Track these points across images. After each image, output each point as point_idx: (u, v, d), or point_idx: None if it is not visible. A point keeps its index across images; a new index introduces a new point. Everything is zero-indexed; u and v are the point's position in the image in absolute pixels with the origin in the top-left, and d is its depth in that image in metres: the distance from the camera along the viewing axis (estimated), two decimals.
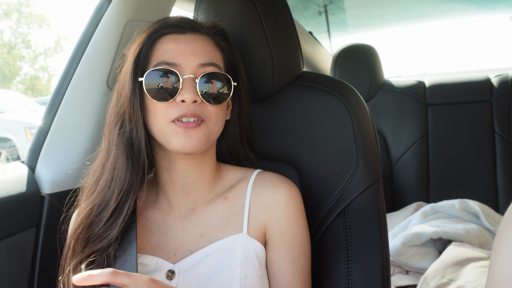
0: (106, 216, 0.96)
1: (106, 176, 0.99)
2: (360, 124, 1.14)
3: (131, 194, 0.96)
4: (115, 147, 0.98)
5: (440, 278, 1.73)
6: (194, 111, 0.93)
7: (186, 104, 0.93)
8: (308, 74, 1.26)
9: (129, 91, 0.96)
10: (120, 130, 0.97)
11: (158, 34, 0.98)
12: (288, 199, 1.03)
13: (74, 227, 0.99)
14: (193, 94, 0.93)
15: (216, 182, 1.07)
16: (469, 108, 2.70)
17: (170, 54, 0.95)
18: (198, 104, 0.94)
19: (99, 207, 0.97)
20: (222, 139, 1.10)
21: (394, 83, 2.87)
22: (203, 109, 0.95)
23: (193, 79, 0.94)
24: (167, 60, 0.95)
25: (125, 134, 0.97)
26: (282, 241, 1.02)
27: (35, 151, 1.37)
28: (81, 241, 0.96)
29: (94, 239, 0.95)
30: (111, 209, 0.96)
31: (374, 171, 1.13)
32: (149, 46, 0.98)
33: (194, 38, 0.99)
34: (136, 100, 0.96)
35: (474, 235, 1.97)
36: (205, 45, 0.99)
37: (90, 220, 0.97)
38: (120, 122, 0.98)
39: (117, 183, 0.97)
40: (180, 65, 0.95)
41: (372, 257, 1.08)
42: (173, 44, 0.97)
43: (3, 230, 1.19)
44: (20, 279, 1.26)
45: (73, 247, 0.97)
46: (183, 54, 0.95)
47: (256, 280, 0.98)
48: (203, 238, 1.01)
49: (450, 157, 2.68)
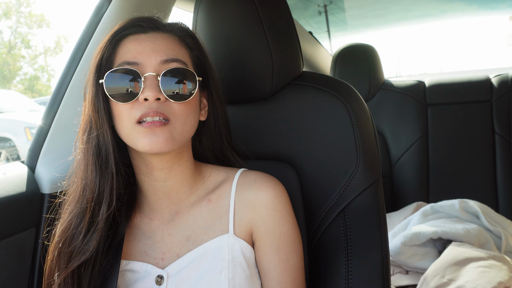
0: (85, 227, 0.95)
1: (80, 185, 0.97)
2: (360, 124, 1.14)
3: (103, 201, 0.94)
4: (83, 155, 0.96)
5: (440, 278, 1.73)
6: (157, 109, 0.90)
7: (149, 103, 0.90)
8: (308, 74, 1.26)
9: (93, 96, 0.94)
10: (88, 137, 0.95)
11: (120, 36, 0.96)
12: (273, 197, 1.01)
13: (55, 240, 0.98)
14: (155, 92, 0.89)
15: (198, 184, 1.05)
16: (469, 108, 2.70)
17: (131, 53, 0.93)
18: (162, 103, 0.91)
19: (77, 218, 0.96)
20: (200, 140, 1.09)
21: (394, 83, 2.87)
22: (168, 107, 0.91)
23: (155, 77, 0.91)
24: (128, 59, 0.92)
25: (92, 140, 0.95)
26: (269, 240, 1.01)
27: (35, 151, 1.37)
28: (63, 255, 0.95)
29: (77, 252, 0.93)
30: (87, 219, 0.95)
31: (374, 171, 1.13)
32: (111, 48, 0.95)
33: (156, 36, 0.96)
34: (100, 104, 0.93)
35: (474, 235, 1.97)
36: (168, 42, 0.96)
37: (71, 232, 0.96)
38: (88, 128, 0.96)
39: (88, 192, 0.95)
40: (141, 63, 0.92)
41: (372, 257, 1.08)
42: (134, 43, 0.94)
43: (3, 230, 1.19)
44: (20, 279, 1.26)
45: (56, 263, 0.96)
46: (144, 52, 0.93)
47: (244, 280, 0.98)
48: (189, 242, 1.00)
49: (450, 157, 2.68)
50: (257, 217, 1.01)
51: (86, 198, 0.96)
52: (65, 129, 1.37)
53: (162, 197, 1.03)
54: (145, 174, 1.01)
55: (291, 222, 1.03)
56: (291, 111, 1.20)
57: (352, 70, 2.83)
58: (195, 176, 1.05)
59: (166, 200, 1.03)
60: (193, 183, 1.05)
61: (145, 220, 1.03)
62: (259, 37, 1.15)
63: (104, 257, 0.95)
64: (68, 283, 0.93)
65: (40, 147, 1.36)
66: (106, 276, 0.95)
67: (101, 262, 0.94)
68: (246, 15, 1.15)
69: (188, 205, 1.03)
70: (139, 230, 1.03)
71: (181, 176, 1.02)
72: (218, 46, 1.18)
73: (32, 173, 1.34)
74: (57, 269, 0.96)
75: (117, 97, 0.92)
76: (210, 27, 1.18)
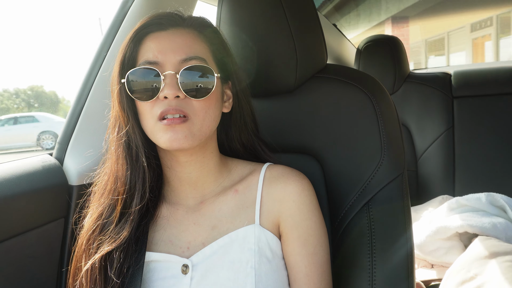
0: (116, 218, 0.99)
1: (112, 178, 1.02)
2: (385, 116, 1.13)
3: (136, 193, 0.99)
4: (115, 150, 1.00)
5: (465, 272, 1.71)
6: (176, 106, 0.92)
7: (168, 101, 0.92)
8: (332, 67, 1.25)
9: (118, 94, 0.97)
10: (118, 133, 0.99)
11: (141, 34, 0.98)
12: (300, 191, 1.02)
13: (85, 228, 1.03)
14: (174, 90, 0.91)
15: (223, 175, 1.07)
16: (496, 100, 2.65)
17: (152, 52, 0.95)
18: (181, 100, 0.93)
19: (108, 209, 1.01)
20: (227, 132, 1.11)
21: (420, 75, 2.83)
22: (187, 104, 0.94)
23: (174, 75, 0.93)
24: (149, 59, 0.95)
25: (122, 136, 0.99)
26: (297, 234, 1.02)
27: (63, 143, 1.40)
28: (93, 241, 1.00)
29: (108, 239, 0.98)
30: (119, 210, 0.99)
31: (398, 164, 1.12)
32: (133, 47, 0.97)
33: (175, 33, 0.97)
34: (124, 103, 0.97)
35: (501, 229, 1.94)
36: (187, 39, 0.97)
37: (101, 221, 1.01)
38: (118, 125, 1.00)
39: (120, 184, 1.00)
40: (161, 62, 0.94)
41: (396, 250, 1.08)
42: (154, 42, 0.96)
43: (33, 221, 1.22)
44: (49, 268, 1.29)
45: (85, 249, 1.01)
46: (164, 52, 0.95)
47: (270, 271, 0.99)
48: (214, 231, 1.01)
49: (476, 151, 2.63)
50: (285, 210, 1.02)
51: (118, 190, 1.00)
52: (91, 123, 1.40)
53: (188, 188, 1.05)
54: (171, 166, 1.04)
55: (318, 216, 1.04)
56: (315, 104, 1.20)
57: (376, 62, 2.80)
58: (221, 167, 1.07)
59: (192, 191, 1.05)
60: (219, 174, 1.06)
61: (171, 210, 1.05)
62: (283, 30, 1.15)
63: (133, 247, 0.98)
64: (95, 269, 0.96)
65: (68, 140, 1.39)
66: (133, 265, 0.97)
67: (129, 252, 0.97)
68: (270, 8, 1.15)
69: (214, 195, 1.05)
70: (164, 220, 1.05)
71: (206, 167, 1.04)
72: (242, 40, 1.19)
73: (61, 165, 1.37)
74: (84, 255, 1.00)
75: (139, 96, 0.95)
76: (234, 20, 1.19)
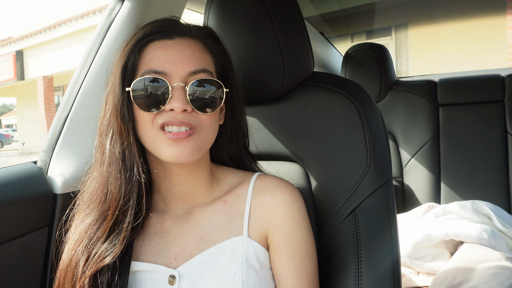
0: (105, 233, 0.94)
1: (101, 190, 0.96)
2: (371, 124, 1.14)
3: (129, 210, 0.94)
4: (107, 160, 0.95)
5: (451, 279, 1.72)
6: (183, 119, 0.90)
7: (174, 113, 0.90)
8: (319, 74, 1.26)
9: (118, 102, 0.93)
10: (111, 144, 0.95)
11: (145, 41, 0.94)
12: (289, 203, 1.01)
13: (74, 238, 0.97)
14: (182, 103, 0.89)
15: (214, 186, 1.05)
16: (481, 108, 2.68)
17: (158, 61, 0.92)
18: (188, 113, 0.91)
19: (97, 222, 0.96)
20: (217, 142, 1.08)
21: (406, 82, 2.86)
22: (195, 117, 0.92)
23: (182, 87, 0.90)
24: (155, 68, 0.91)
25: (117, 146, 0.94)
26: (285, 245, 1.00)
27: (48, 151, 1.38)
28: (81, 255, 0.94)
29: (97, 257, 0.93)
30: (109, 225, 0.94)
31: (384, 172, 1.13)
32: (136, 53, 0.94)
33: (183, 43, 0.95)
34: (125, 111, 0.93)
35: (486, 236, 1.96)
36: (195, 50, 0.95)
37: (88, 237, 0.95)
38: (111, 133, 0.95)
39: (112, 199, 0.94)
40: (169, 73, 0.91)
41: (383, 258, 1.08)
42: (161, 50, 0.93)
43: (17, 229, 1.20)
44: (32, 277, 1.27)
45: (74, 262, 0.95)
46: (172, 62, 0.92)
47: (257, 282, 0.97)
48: (202, 242, 1.00)
49: (461, 158, 2.65)
50: (273, 221, 1.00)
51: (108, 204, 0.95)
52: (77, 130, 1.38)
53: (178, 199, 1.03)
54: (163, 178, 1.01)
55: (307, 228, 1.03)
56: (302, 111, 1.20)
57: (363, 70, 2.82)
58: (212, 179, 1.06)
59: (182, 202, 1.03)
60: (210, 185, 1.05)
61: (159, 219, 1.03)
62: (269, 38, 1.15)
63: (120, 261, 0.95)
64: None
65: (53, 148, 1.38)
66: (119, 278, 0.94)
67: (116, 267, 0.94)
68: (257, 16, 1.15)
69: (203, 206, 1.03)
70: (152, 230, 1.03)
71: (199, 180, 1.03)
72: (228, 47, 1.18)
73: (45, 173, 1.35)
74: (69, 271, 0.95)
75: (143, 106, 0.91)
76: (221, 28, 1.19)
